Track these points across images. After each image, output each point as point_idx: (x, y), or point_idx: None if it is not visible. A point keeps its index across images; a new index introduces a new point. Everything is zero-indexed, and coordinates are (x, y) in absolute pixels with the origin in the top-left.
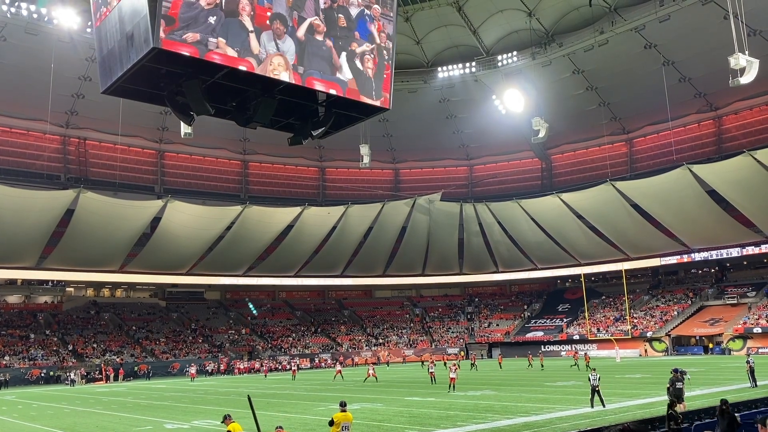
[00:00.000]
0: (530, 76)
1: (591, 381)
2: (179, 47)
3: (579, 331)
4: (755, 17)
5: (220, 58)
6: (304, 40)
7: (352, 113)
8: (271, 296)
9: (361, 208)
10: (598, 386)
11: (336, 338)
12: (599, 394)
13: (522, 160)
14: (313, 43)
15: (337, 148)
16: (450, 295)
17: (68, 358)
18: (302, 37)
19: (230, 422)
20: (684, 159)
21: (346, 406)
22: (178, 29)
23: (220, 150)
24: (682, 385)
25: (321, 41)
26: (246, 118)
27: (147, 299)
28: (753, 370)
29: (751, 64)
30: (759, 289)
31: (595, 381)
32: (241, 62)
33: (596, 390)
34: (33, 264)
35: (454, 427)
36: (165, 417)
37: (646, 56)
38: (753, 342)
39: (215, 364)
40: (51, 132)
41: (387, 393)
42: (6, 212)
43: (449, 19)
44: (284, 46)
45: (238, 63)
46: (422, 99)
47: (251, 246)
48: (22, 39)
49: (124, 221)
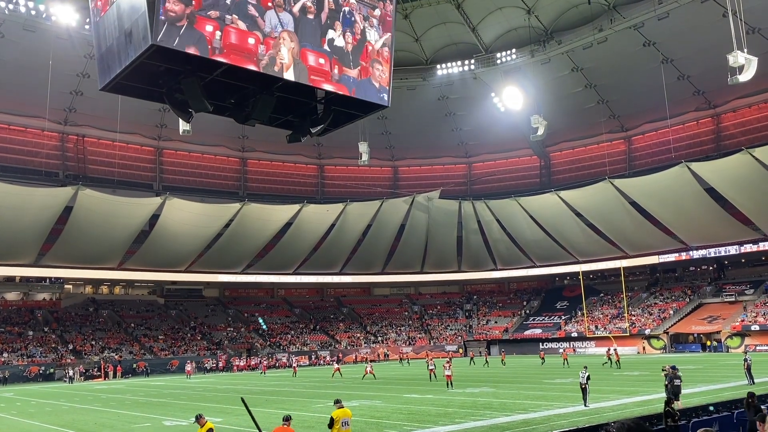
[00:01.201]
0: (529, 73)
1: (580, 379)
2: (205, 23)
3: (577, 328)
4: (754, 15)
5: (233, 44)
6: (298, 17)
7: (351, 111)
8: (269, 294)
9: (359, 206)
10: (585, 384)
11: (334, 336)
12: (586, 392)
13: (521, 157)
14: (306, 23)
15: (335, 146)
16: (448, 293)
17: (67, 356)
18: (297, 13)
19: (204, 422)
20: (682, 157)
21: (342, 402)
22: (202, 9)
23: (219, 147)
24: (680, 383)
25: (311, 19)
26: (244, 115)
27: (145, 296)
28: (750, 367)
29: (749, 62)
30: (757, 286)
31: (583, 379)
32: (249, 61)
33: (583, 388)
34: (31, 261)
35: (452, 424)
36: (164, 414)
37: (644, 54)
38: (751, 339)
39: (214, 362)
40: (49, 129)
41: (385, 390)
42: (4, 209)
43: (448, 16)
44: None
45: (246, 63)
46: (421, 96)
47: (250, 243)
48: (20, 36)
49: (123, 218)
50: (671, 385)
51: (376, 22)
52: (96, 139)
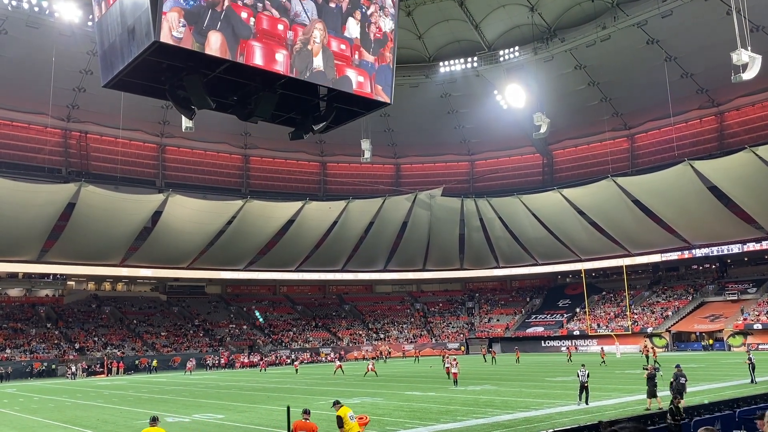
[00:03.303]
0: (532, 71)
1: (580, 377)
2: (240, 9)
3: (579, 326)
4: (758, 13)
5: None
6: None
7: (354, 108)
8: (271, 291)
9: (362, 203)
10: (586, 383)
11: (336, 333)
12: (587, 391)
13: (523, 155)
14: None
15: (338, 143)
16: (450, 291)
17: (69, 352)
18: (320, 1)
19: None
20: (685, 155)
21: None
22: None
23: (221, 144)
24: (685, 381)
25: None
26: (247, 112)
27: (148, 293)
28: (754, 366)
29: (753, 60)
30: (759, 285)
31: (584, 377)
32: (281, 46)
33: (585, 386)
34: (34, 257)
35: (454, 422)
36: (166, 410)
37: (648, 52)
38: (753, 338)
39: (216, 358)
40: (52, 125)
41: (387, 387)
42: (7, 206)
43: (451, 13)
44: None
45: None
46: (424, 94)
47: (252, 240)
48: (23, 32)
49: (125, 215)
50: (676, 383)
51: (389, 11)
52: (99, 135)
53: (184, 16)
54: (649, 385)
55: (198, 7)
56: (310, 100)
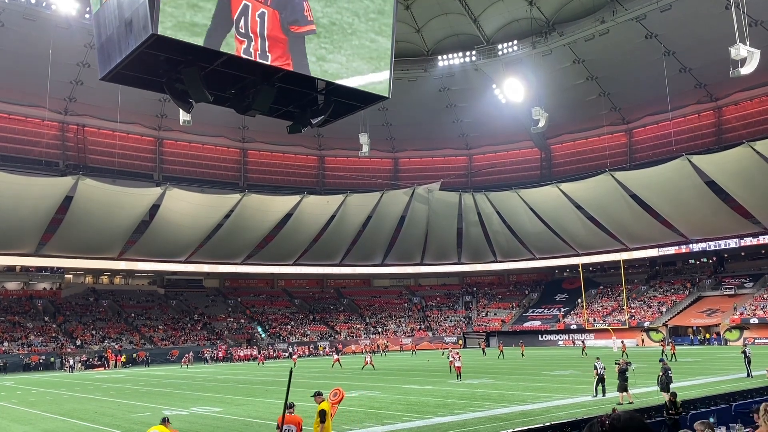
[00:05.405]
0: (530, 65)
1: (598, 369)
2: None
3: (576, 320)
4: (756, 7)
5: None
6: None
7: (352, 101)
8: (269, 284)
9: (360, 197)
10: (604, 375)
11: (334, 326)
12: (603, 383)
13: (521, 149)
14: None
15: (336, 137)
16: (448, 285)
17: (67, 345)
18: None
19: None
20: (683, 150)
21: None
22: None
23: (219, 138)
24: (671, 374)
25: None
26: (245, 105)
27: (146, 287)
28: (750, 361)
29: (751, 55)
30: (756, 280)
31: (602, 370)
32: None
33: (603, 378)
34: (32, 251)
35: (451, 415)
36: (164, 403)
37: (646, 46)
38: (749, 333)
39: (214, 351)
40: (49, 118)
41: (384, 381)
42: (4, 199)
43: (450, 7)
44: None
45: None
46: (422, 88)
47: (250, 234)
48: (21, 25)
49: (123, 208)
50: (665, 376)
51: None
52: (96, 128)
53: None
54: (620, 379)
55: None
56: (308, 94)
